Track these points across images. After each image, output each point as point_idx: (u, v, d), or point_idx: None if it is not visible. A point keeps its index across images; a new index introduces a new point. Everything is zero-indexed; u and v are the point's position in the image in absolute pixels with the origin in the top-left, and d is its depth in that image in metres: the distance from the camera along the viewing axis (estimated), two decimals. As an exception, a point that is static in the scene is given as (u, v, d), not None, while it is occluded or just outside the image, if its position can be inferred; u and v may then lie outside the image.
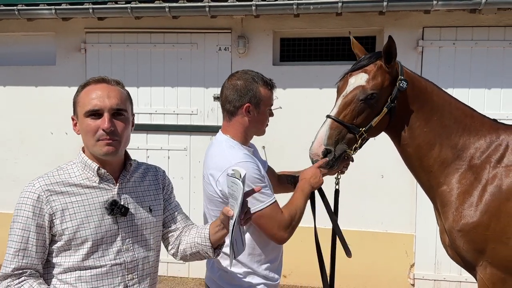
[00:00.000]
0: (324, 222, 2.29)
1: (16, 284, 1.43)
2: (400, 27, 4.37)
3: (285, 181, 2.31)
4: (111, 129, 1.50)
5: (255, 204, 1.77)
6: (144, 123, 4.80)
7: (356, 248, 4.47)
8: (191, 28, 4.70)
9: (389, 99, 2.20)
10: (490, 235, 2.15)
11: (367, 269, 4.53)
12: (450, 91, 4.24)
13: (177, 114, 4.81)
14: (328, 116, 2.18)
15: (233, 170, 1.47)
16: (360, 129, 2.16)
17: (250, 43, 4.62)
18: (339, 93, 2.26)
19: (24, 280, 1.44)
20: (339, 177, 2.30)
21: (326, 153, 2.11)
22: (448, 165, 2.28)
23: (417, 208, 4.38)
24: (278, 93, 2.07)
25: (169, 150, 4.83)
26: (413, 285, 4.48)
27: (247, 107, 1.89)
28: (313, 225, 2.16)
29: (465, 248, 2.22)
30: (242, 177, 1.42)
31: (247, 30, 4.63)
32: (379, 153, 2.84)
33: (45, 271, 1.52)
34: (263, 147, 4.44)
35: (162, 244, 1.77)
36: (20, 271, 1.45)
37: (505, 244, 2.13)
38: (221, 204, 1.84)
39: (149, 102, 4.83)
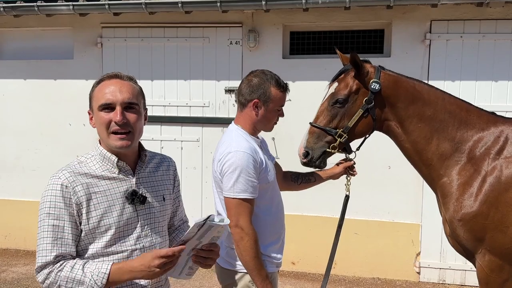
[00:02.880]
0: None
1: (58, 268, 1.52)
2: (408, 20, 4.41)
3: (289, 178, 2.45)
4: (123, 121, 1.57)
5: (238, 189, 1.92)
6: (158, 115, 4.95)
7: (364, 237, 4.62)
8: (203, 23, 4.80)
9: (364, 101, 2.36)
10: (489, 224, 2.23)
11: (374, 257, 4.63)
12: (457, 83, 4.35)
13: (190, 106, 4.93)
14: (310, 123, 2.46)
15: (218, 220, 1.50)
16: (337, 130, 2.37)
17: (261, 37, 4.70)
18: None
19: (64, 262, 1.53)
20: (349, 181, 2.54)
21: (306, 154, 2.39)
22: (448, 157, 2.37)
23: (423, 198, 4.44)
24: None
25: (182, 141, 4.95)
26: (419, 273, 4.55)
27: (256, 103, 2.05)
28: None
29: (465, 237, 2.31)
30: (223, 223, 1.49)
31: (258, 24, 4.71)
32: (386, 145, 2.93)
33: None
34: (273, 138, 4.53)
35: None
36: (59, 257, 1.54)
37: (503, 233, 2.22)
38: (219, 184, 2.02)
39: (162, 94, 4.96)
